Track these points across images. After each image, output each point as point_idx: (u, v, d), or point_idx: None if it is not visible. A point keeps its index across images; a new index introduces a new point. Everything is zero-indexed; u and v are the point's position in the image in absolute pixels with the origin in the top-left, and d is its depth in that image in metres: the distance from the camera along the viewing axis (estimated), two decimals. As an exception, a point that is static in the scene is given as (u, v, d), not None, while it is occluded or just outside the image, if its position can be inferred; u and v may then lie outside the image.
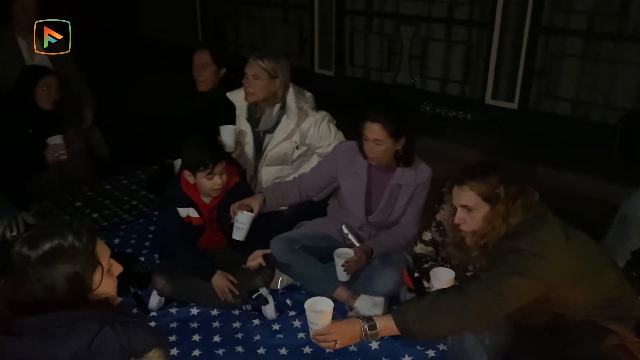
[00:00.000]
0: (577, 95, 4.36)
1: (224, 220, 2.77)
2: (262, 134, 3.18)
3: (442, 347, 2.45)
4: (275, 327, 2.65)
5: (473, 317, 1.82)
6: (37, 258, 1.34)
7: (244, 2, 6.44)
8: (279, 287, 2.91)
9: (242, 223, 2.61)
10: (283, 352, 2.50)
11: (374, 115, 2.59)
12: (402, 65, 5.20)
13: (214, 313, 2.75)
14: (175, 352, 2.48)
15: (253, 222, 2.64)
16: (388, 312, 2.58)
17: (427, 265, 2.56)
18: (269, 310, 2.70)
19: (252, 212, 2.64)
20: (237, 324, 2.68)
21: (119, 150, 4.37)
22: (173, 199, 2.80)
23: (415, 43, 5.09)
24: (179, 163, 2.91)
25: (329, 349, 1.89)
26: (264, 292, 2.75)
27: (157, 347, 1.38)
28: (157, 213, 3.65)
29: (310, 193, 2.95)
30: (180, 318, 2.72)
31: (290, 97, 3.06)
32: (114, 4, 7.48)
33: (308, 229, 2.94)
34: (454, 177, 2.06)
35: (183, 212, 2.78)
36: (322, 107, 3.23)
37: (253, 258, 2.69)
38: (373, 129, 2.59)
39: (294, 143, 3.11)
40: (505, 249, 1.89)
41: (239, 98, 3.15)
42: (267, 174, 3.20)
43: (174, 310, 2.76)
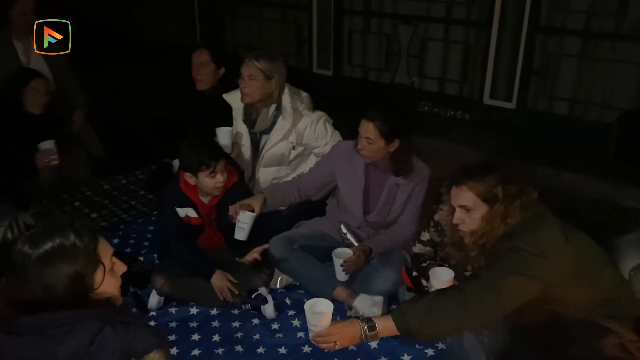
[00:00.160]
0: (575, 95, 4.36)
1: (223, 220, 2.77)
2: (258, 135, 3.18)
3: (441, 346, 2.46)
4: (275, 326, 2.66)
5: (472, 316, 1.82)
6: (37, 257, 1.34)
7: (242, 1, 6.43)
8: (278, 286, 2.91)
9: (244, 223, 2.61)
10: (282, 351, 2.51)
11: (370, 114, 2.62)
12: (400, 65, 5.20)
13: (214, 312, 2.75)
14: (175, 351, 2.49)
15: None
16: (387, 311, 2.60)
17: (425, 265, 2.56)
18: (268, 310, 2.70)
19: (253, 212, 2.65)
20: (236, 324, 2.68)
21: (118, 150, 4.35)
22: (171, 199, 2.80)
23: (414, 43, 5.09)
24: (178, 163, 2.91)
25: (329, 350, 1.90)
26: (263, 291, 2.76)
27: (157, 347, 1.38)
28: (155, 213, 3.65)
29: (309, 193, 2.96)
30: (180, 317, 2.72)
31: (286, 97, 3.06)
32: (112, 4, 7.47)
33: (307, 229, 2.95)
34: (452, 177, 2.07)
35: (182, 212, 2.78)
36: (320, 106, 3.22)
37: (250, 254, 2.70)
38: (366, 127, 2.62)
39: (291, 143, 3.11)
40: (504, 249, 1.89)
41: (236, 99, 3.15)
42: (264, 175, 3.20)
43: (173, 310, 2.77)
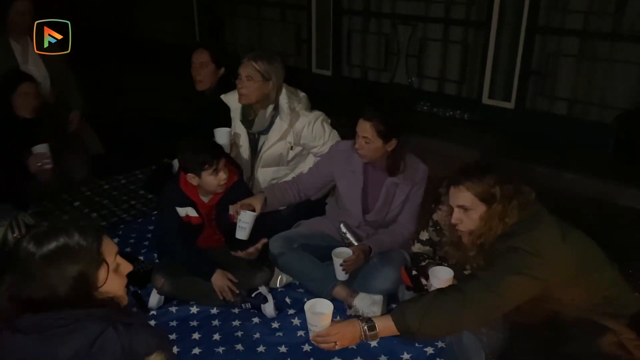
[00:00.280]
0: (573, 95, 4.37)
1: (223, 220, 2.78)
2: (256, 136, 3.19)
3: (440, 344, 2.47)
4: (275, 325, 2.66)
5: (472, 316, 1.83)
6: (41, 256, 1.35)
7: (241, 1, 6.44)
8: (278, 285, 2.92)
9: (245, 222, 2.62)
10: (282, 349, 2.51)
11: (367, 114, 2.63)
12: (399, 65, 5.21)
13: (214, 311, 2.75)
14: (175, 350, 2.49)
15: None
16: (386, 310, 2.61)
17: (424, 264, 2.57)
18: (269, 309, 2.71)
19: (254, 211, 2.66)
20: (236, 322, 2.69)
21: (118, 150, 4.36)
22: (172, 199, 2.80)
23: (413, 43, 5.10)
24: (177, 163, 2.91)
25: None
26: (263, 290, 2.77)
27: (159, 350, 1.38)
28: (155, 213, 3.66)
29: (309, 193, 2.97)
30: (180, 316, 2.73)
31: (283, 98, 3.06)
32: (112, 4, 7.47)
33: (307, 228, 2.96)
34: (451, 177, 2.08)
35: (182, 211, 2.79)
36: (319, 106, 3.23)
37: (249, 249, 2.71)
38: (363, 127, 2.63)
39: (289, 143, 3.11)
40: (503, 248, 1.90)
41: (234, 100, 3.15)
42: (263, 175, 3.20)
43: (174, 309, 2.77)
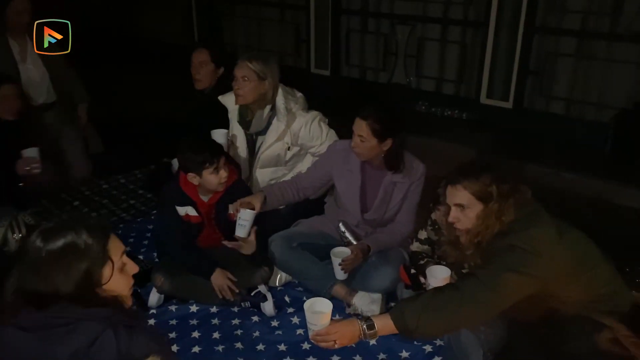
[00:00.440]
0: (571, 94, 4.39)
1: (222, 219, 2.79)
2: (254, 136, 3.19)
3: (439, 342, 2.48)
4: (274, 323, 2.67)
5: (469, 314, 1.84)
6: (48, 252, 1.36)
7: (240, 1, 6.45)
8: (277, 284, 2.93)
9: (245, 220, 2.63)
10: (282, 348, 2.52)
11: (363, 113, 2.64)
12: (397, 65, 5.23)
13: (213, 310, 2.76)
14: (175, 348, 2.50)
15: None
16: (385, 308, 2.62)
17: (423, 262, 2.58)
18: (268, 307, 2.72)
19: (253, 209, 2.67)
20: (236, 321, 2.70)
21: (117, 150, 4.37)
22: (171, 198, 2.81)
23: (411, 43, 5.12)
24: (177, 162, 2.92)
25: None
26: (263, 289, 2.78)
27: (156, 354, 1.38)
28: (155, 212, 3.67)
29: (308, 192, 2.97)
30: (180, 315, 2.74)
31: (280, 98, 3.06)
32: (110, 4, 7.48)
33: (306, 227, 2.97)
34: (448, 176, 2.09)
35: (181, 210, 2.80)
36: (318, 106, 3.24)
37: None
38: (359, 125, 2.64)
39: (286, 144, 3.11)
40: (500, 246, 1.92)
41: (231, 101, 3.15)
42: (261, 176, 3.20)
43: (174, 308, 2.78)
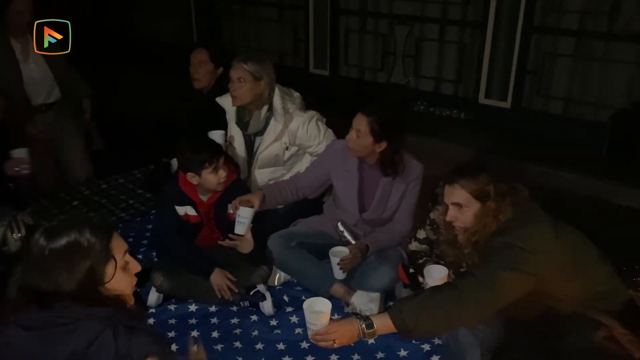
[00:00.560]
0: (569, 94, 4.40)
1: (221, 218, 2.80)
2: (252, 137, 3.20)
3: (437, 341, 2.48)
4: (273, 322, 2.68)
5: (467, 312, 1.85)
6: (51, 250, 1.37)
7: (239, 1, 6.45)
8: (276, 283, 2.94)
9: (244, 217, 2.63)
10: (281, 347, 2.53)
11: (367, 109, 2.66)
12: (396, 65, 5.24)
13: (212, 309, 2.77)
14: (174, 348, 2.50)
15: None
16: (384, 307, 2.63)
17: (421, 261, 2.59)
18: (267, 306, 2.73)
19: (252, 207, 2.67)
20: (235, 320, 2.70)
21: (116, 150, 4.37)
22: (171, 198, 2.82)
23: (409, 43, 5.12)
24: (176, 162, 2.93)
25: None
26: (262, 288, 2.78)
27: (155, 355, 1.38)
28: (154, 212, 3.67)
29: (306, 192, 2.98)
30: (179, 314, 2.75)
31: (277, 98, 3.06)
32: (110, 4, 7.48)
33: (304, 227, 2.98)
34: (446, 176, 2.11)
35: (181, 210, 2.81)
36: (317, 106, 3.24)
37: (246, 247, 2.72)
38: (359, 120, 2.65)
39: (284, 144, 3.12)
40: (497, 245, 1.93)
41: (228, 102, 3.16)
42: (260, 177, 3.21)
43: (173, 307, 2.79)
